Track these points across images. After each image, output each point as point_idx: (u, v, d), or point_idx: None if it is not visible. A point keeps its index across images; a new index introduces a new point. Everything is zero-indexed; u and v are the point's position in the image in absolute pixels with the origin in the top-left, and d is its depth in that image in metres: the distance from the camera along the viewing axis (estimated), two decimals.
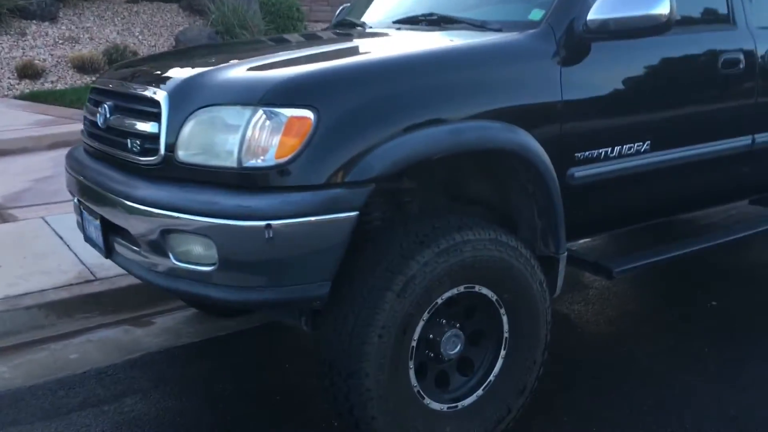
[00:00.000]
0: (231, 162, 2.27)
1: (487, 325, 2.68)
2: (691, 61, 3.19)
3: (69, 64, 9.29)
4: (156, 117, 2.44)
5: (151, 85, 2.55)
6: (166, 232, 2.34)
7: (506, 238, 2.60)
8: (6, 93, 8.51)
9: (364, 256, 2.45)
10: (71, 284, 4.00)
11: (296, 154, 2.24)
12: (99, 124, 2.76)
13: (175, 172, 2.38)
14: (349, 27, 3.61)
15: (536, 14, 2.86)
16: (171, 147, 2.38)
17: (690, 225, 4.05)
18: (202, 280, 2.33)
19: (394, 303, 2.36)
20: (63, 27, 10.18)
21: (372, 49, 2.73)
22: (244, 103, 2.29)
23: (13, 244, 4.55)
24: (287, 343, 3.66)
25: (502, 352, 2.69)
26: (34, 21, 10.01)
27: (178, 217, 2.29)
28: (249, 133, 2.25)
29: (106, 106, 2.72)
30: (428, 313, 2.48)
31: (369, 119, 2.31)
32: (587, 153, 2.84)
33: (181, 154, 2.37)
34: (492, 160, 2.71)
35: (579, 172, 2.82)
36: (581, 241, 3.43)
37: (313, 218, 2.23)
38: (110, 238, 2.70)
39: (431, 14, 3.15)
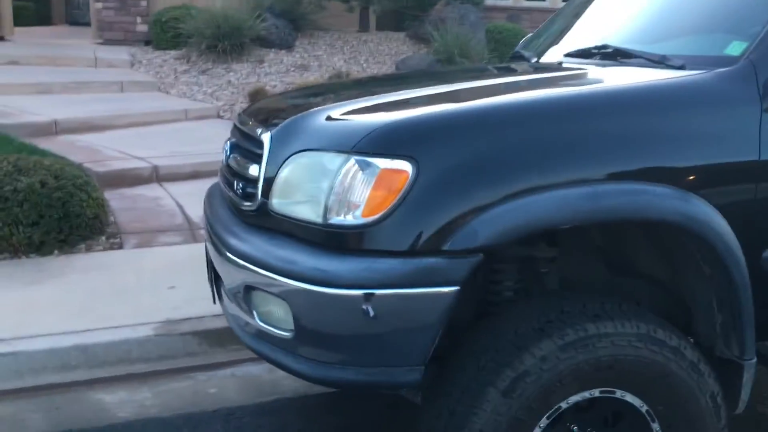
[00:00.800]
0: (316, 216, 1.98)
1: None
2: None
3: None
4: (259, 159, 2.23)
5: (264, 125, 2.35)
6: (249, 288, 2.11)
7: (664, 335, 2.01)
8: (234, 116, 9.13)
9: (472, 339, 2.03)
10: None
11: (387, 213, 1.89)
12: (224, 162, 2.64)
13: (268, 222, 2.15)
14: (517, 60, 3.18)
15: (735, 48, 2.23)
16: (266, 193, 2.15)
17: None
18: (284, 348, 2.06)
19: (498, 403, 1.90)
20: (297, 55, 10.73)
21: (506, 90, 2.29)
22: (338, 149, 1.99)
23: (193, 266, 4.65)
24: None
25: None
26: (273, 49, 10.65)
27: (259, 273, 2.05)
28: (338, 184, 1.94)
29: (229, 143, 2.59)
30: (547, 419, 1.98)
31: (478, 175, 1.89)
32: None
33: (274, 202, 2.12)
34: (655, 230, 2.14)
35: None
36: None
37: (401, 291, 1.86)
38: (218, 283, 2.54)
39: (605, 47, 2.61)
